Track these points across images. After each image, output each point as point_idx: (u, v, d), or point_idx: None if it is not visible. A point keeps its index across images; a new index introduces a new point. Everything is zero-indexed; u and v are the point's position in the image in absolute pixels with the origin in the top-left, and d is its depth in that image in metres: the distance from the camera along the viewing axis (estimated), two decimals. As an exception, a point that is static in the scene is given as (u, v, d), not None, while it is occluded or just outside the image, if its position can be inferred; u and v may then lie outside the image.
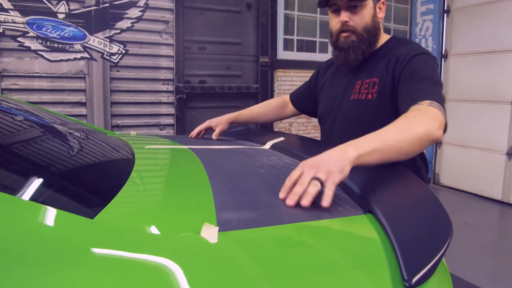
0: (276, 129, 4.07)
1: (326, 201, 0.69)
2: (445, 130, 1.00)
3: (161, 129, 3.67)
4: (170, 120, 3.71)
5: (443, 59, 4.57)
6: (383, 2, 1.26)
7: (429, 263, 0.55)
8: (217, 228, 0.58)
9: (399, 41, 1.25)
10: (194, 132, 1.55)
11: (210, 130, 1.54)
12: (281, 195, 0.73)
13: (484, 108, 4.18)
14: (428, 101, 1.00)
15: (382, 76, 1.20)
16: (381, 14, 1.26)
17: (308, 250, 0.61)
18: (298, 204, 0.70)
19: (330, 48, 1.37)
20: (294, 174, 0.74)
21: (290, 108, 1.61)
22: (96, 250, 0.51)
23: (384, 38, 1.29)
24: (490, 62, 4.09)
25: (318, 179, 0.71)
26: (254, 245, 0.59)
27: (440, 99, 1.03)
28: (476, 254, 2.84)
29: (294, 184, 0.73)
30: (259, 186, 0.84)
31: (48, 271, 0.46)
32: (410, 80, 1.10)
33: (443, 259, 0.63)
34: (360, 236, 0.67)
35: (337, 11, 1.23)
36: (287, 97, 1.63)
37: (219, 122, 1.52)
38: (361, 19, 1.21)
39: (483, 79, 4.16)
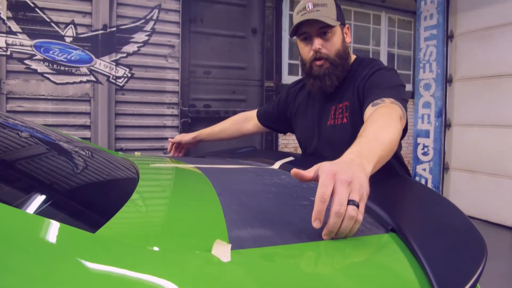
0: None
1: (355, 228, 0.61)
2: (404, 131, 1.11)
3: (165, 153, 3.63)
4: (174, 144, 3.68)
5: (447, 83, 4.56)
6: (348, 28, 1.31)
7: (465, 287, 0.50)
8: (229, 246, 0.52)
9: (361, 62, 1.30)
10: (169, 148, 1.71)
11: (183, 146, 1.70)
12: (316, 224, 0.59)
13: (491, 133, 4.13)
14: (390, 99, 1.06)
15: (350, 99, 1.26)
16: (348, 39, 1.30)
17: (329, 271, 0.55)
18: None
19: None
20: (326, 191, 0.59)
21: (253, 123, 1.66)
22: (96, 265, 0.46)
23: (351, 60, 1.33)
24: (496, 86, 4.07)
25: (353, 202, 0.59)
26: (270, 265, 0.54)
27: (399, 98, 1.09)
28: (489, 283, 2.73)
29: (325, 203, 0.59)
30: (271, 204, 0.79)
31: (48, 284, 0.41)
32: (371, 92, 1.15)
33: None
34: (385, 257, 0.61)
35: (306, 39, 1.26)
36: (249, 113, 1.69)
37: (183, 136, 1.69)
38: (333, 45, 1.25)
39: (489, 103, 4.13)
